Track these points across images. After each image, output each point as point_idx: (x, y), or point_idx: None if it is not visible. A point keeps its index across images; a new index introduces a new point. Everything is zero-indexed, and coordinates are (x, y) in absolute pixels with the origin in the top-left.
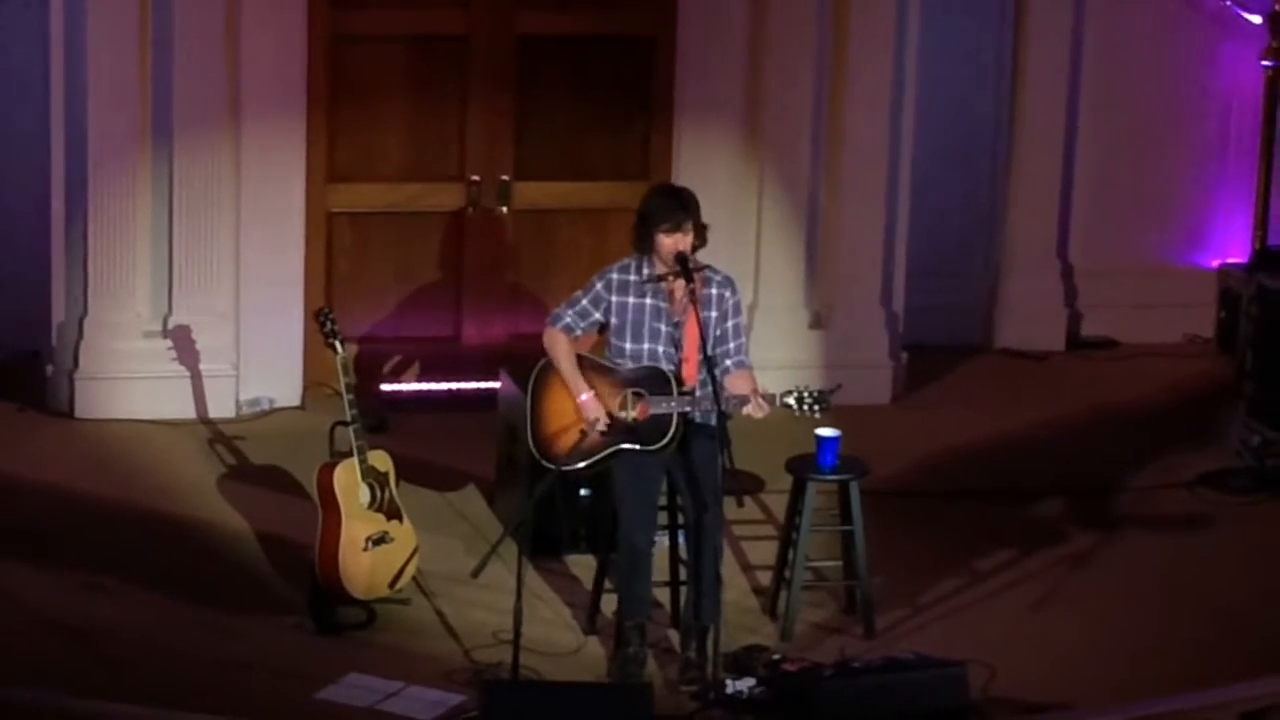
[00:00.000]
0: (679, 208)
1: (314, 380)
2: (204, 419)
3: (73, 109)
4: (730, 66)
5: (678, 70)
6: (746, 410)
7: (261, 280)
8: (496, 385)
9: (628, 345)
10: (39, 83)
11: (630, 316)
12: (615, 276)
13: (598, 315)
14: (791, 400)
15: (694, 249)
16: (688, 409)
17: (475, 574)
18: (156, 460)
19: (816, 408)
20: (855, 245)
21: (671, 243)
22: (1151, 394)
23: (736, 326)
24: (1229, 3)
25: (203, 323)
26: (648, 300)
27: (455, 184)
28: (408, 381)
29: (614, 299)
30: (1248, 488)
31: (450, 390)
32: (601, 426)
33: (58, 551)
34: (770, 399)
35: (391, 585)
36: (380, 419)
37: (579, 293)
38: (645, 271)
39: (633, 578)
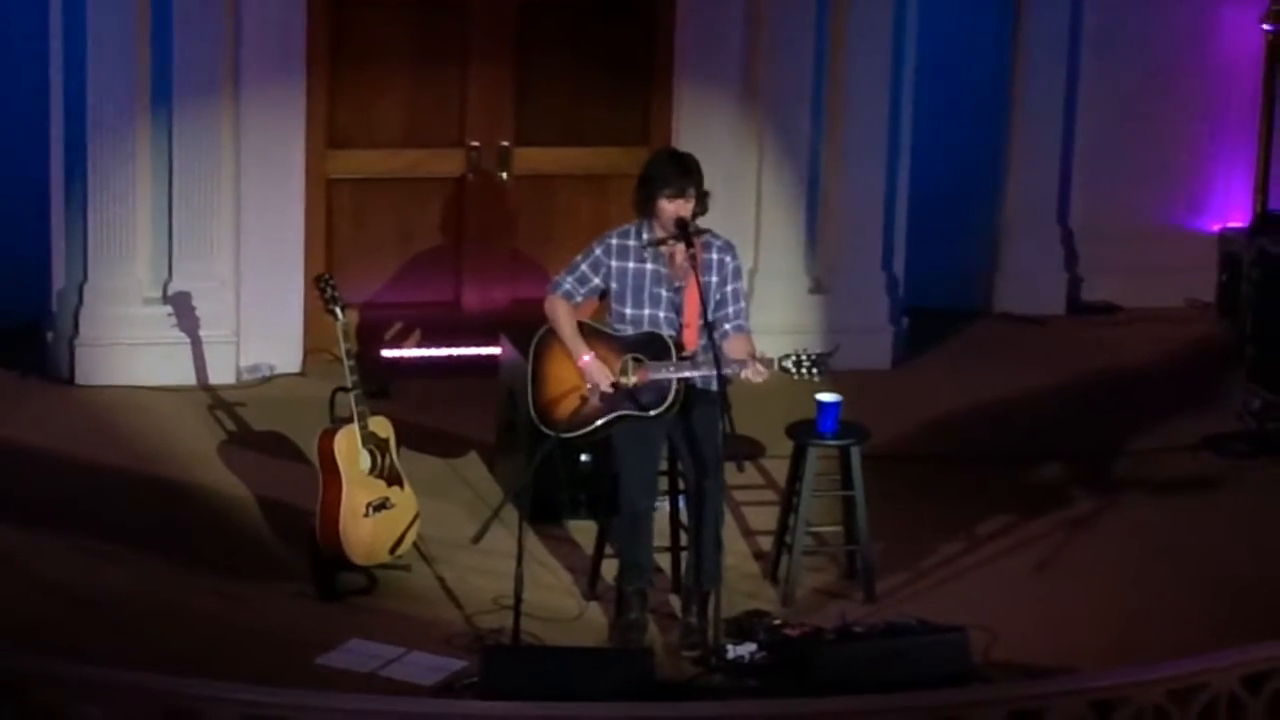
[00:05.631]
0: (683, 174)
1: (314, 346)
2: (204, 385)
3: (71, 75)
4: (730, 31)
5: (678, 35)
6: (745, 375)
7: (261, 246)
8: (497, 351)
9: (628, 310)
10: (38, 48)
11: (630, 281)
12: (615, 241)
13: (597, 280)
14: (790, 364)
15: (694, 216)
16: (688, 374)
17: (476, 540)
18: (157, 427)
19: (815, 370)
20: (855, 209)
21: (673, 209)
22: (1152, 358)
23: (736, 291)
24: None
25: (203, 289)
26: (648, 265)
27: (455, 150)
28: (408, 347)
29: (614, 264)
30: (1249, 451)
31: (451, 356)
32: (605, 388)
33: (58, 518)
34: (768, 363)
35: (392, 551)
36: (381, 385)
37: (578, 258)
38: (645, 236)
39: (633, 543)
